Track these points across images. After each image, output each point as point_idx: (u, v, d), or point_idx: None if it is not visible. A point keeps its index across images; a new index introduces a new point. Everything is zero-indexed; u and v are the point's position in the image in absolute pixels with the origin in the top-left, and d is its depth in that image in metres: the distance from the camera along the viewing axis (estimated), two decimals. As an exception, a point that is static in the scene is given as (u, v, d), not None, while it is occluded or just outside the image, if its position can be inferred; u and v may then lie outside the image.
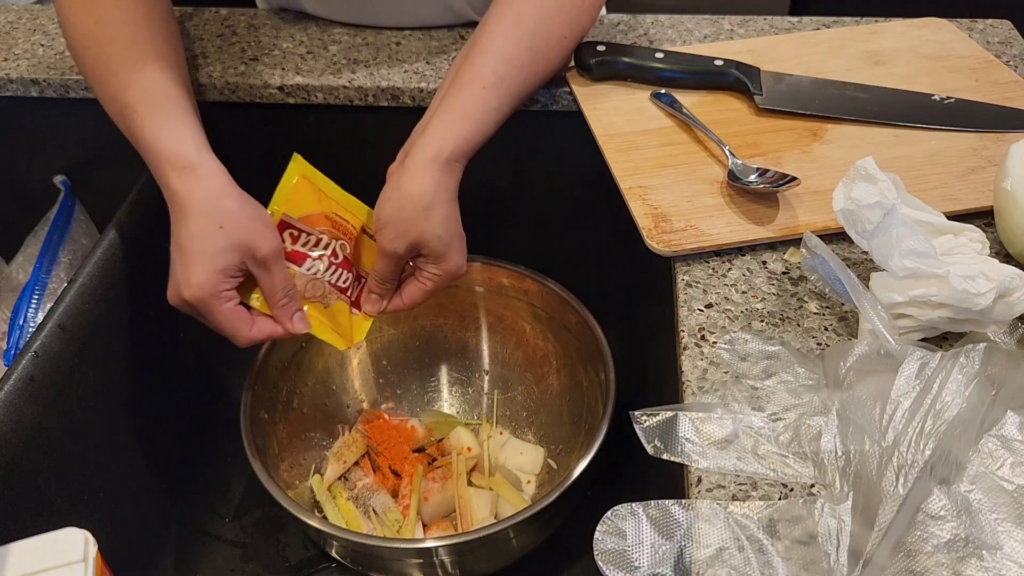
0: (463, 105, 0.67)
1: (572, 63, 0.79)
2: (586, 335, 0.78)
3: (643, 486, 0.78)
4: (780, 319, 0.57)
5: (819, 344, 0.55)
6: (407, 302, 0.70)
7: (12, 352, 0.76)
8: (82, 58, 0.69)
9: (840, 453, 0.49)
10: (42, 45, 0.88)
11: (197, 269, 0.61)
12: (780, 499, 0.47)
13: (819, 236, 0.62)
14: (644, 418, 0.51)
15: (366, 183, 0.91)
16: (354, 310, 0.70)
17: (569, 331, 0.81)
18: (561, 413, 0.83)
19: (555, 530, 0.73)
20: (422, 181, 0.65)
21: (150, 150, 0.64)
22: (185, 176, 0.62)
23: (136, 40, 0.68)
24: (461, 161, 0.67)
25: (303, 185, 0.66)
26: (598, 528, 0.46)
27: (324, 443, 0.84)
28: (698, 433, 0.50)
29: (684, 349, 0.56)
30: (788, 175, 0.63)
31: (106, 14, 0.68)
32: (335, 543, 0.69)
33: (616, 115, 0.75)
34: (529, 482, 0.82)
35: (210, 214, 0.62)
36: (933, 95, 0.74)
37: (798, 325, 0.57)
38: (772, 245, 0.62)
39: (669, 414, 0.51)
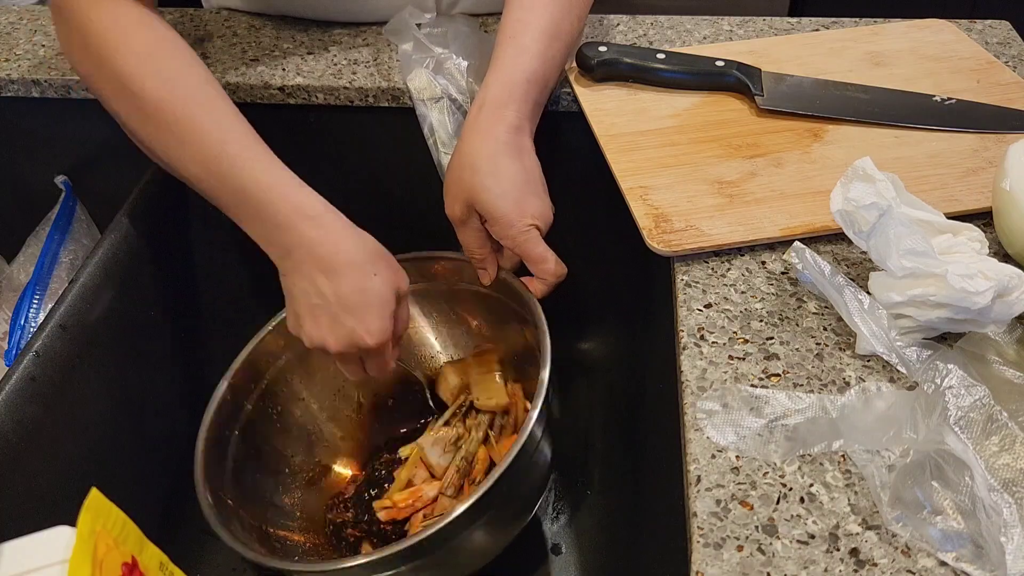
0: (493, 60, 0.69)
1: (573, 63, 0.79)
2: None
3: (642, 486, 0.78)
4: (779, 319, 0.57)
5: (818, 344, 0.55)
6: (506, 266, 0.73)
7: (13, 352, 0.77)
8: (157, 122, 0.64)
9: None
10: (43, 46, 0.88)
11: (374, 319, 0.64)
12: (779, 500, 0.47)
13: (819, 236, 0.62)
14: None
15: (367, 183, 0.91)
16: None
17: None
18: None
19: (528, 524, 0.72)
20: (468, 139, 0.67)
21: (275, 200, 0.62)
22: (321, 226, 0.63)
23: (211, 97, 0.65)
24: (508, 106, 0.67)
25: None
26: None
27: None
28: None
29: (683, 349, 0.56)
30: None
31: (175, 75, 0.65)
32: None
33: (617, 115, 0.75)
34: None
35: (361, 264, 0.63)
36: (934, 96, 0.74)
37: (797, 325, 0.57)
38: (771, 245, 0.62)
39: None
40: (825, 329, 0.56)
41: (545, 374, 0.66)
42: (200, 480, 0.68)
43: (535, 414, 0.64)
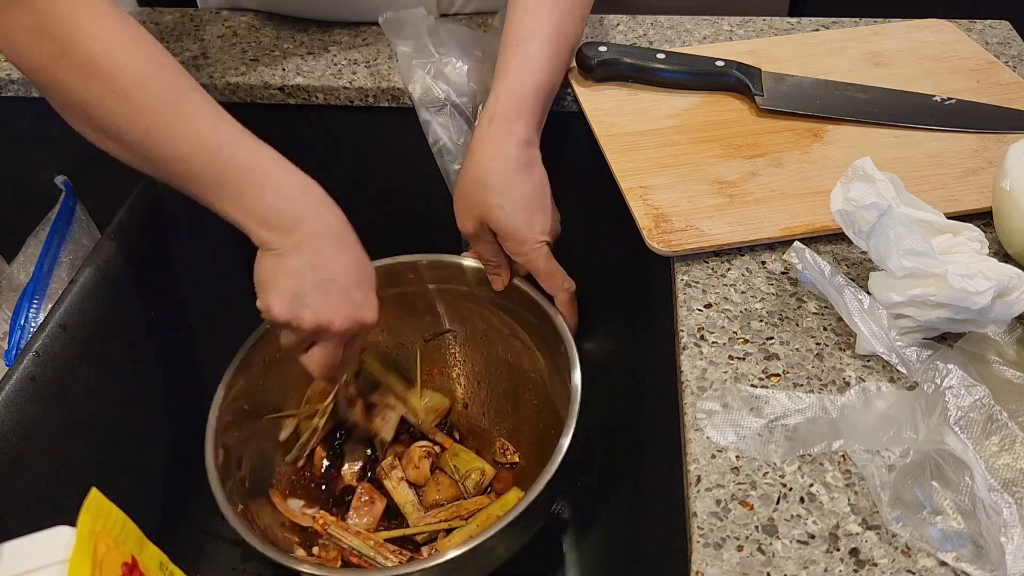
0: (500, 67, 0.69)
1: (574, 63, 0.79)
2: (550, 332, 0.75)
3: (642, 486, 0.78)
4: (779, 319, 0.57)
5: (818, 344, 0.55)
6: (520, 272, 0.73)
7: (13, 352, 0.76)
8: (137, 103, 0.60)
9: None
10: (44, 46, 0.88)
11: (373, 297, 0.65)
12: (779, 500, 0.47)
13: (819, 236, 0.62)
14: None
15: (366, 183, 0.91)
16: None
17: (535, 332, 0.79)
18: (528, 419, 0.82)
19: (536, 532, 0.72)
20: (479, 153, 0.67)
21: (279, 174, 0.62)
22: (326, 201, 0.63)
23: (193, 84, 0.63)
24: (518, 119, 0.67)
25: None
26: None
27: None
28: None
29: (683, 349, 0.56)
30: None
31: (154, 61, 0.62)
32: None
33: (617, 115, 0.75)
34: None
35: (355, 239, 0.65)
36: (934, 96, 0.74)
37: (797, 325, 0.57)
38: (771, 245, 0.62)
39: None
40: (825, 329, 0.56)
41: (576, 389, 0.67)
42: (217, 489, 0.67)
43: (571, 427, 0.64)
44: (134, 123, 0.61)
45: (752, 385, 0.53)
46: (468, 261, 0.77)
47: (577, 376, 0.67)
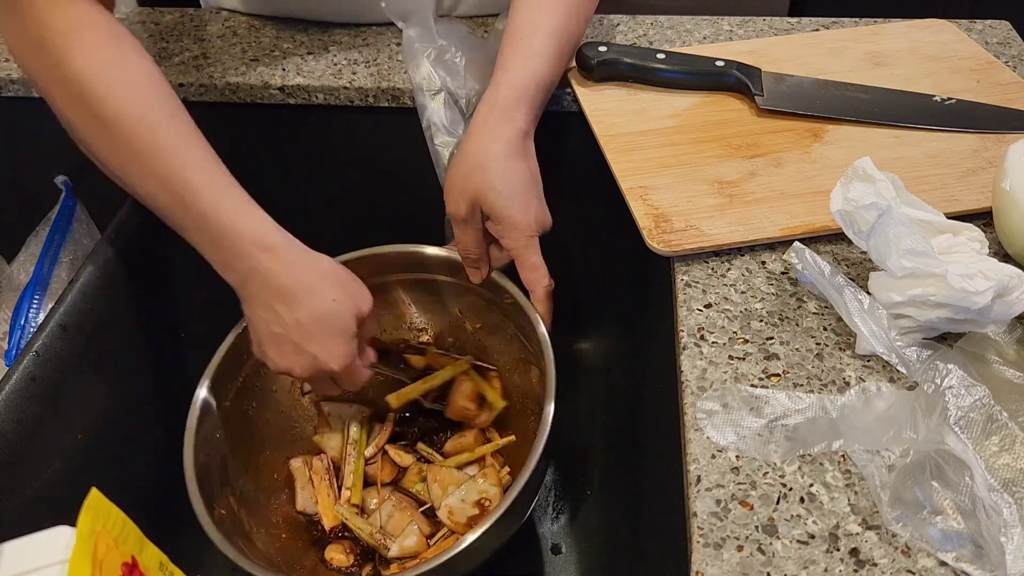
0: (502, 59, 0.70)
1: (574, 63, 0.79)
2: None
3: (642, 486, 0.78)
4: (779, 319, 0.57)
5: (818, 344, 0.55)
6: (496, 265, 0.73)
7: (13, 352, 0.77)
8: (116, 134, 0.61)
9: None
10: (44, 46, 0.88)
11: (335, 344, 0.64)
12: (779, 500, 0.47)
13: (819, 236, 0.62)
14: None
15: (366, 183, 0.91)
16: None
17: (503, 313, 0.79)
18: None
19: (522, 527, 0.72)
20: (477, 138, 0.67)
21: (231, 230, 0.61)
22: (276, 255, 0.62)
23: (173, 113, 0.62)
24: (518, 110, 0.68)
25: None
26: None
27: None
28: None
29: (683, 349, 0.56)
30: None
31: (137, 87, 0.61)
32: None
33: (617, 115, 0.75)
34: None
35: (318, 291, 0.63)
36: (934, 96, 0.74)
37: (797, 325, 0.57)
38: (771, 245, 0.62)
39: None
40: (825, 329, 0.56)
41: (551, 381, 0.67)
42: (196, 496, 0.67)
43: (548, 419, 0.65)
44: (113, 152, 0.62)
45: (752, 385, 0.53)
46: (446, 252, 0.77)
47: (552, 371, 0.67)
